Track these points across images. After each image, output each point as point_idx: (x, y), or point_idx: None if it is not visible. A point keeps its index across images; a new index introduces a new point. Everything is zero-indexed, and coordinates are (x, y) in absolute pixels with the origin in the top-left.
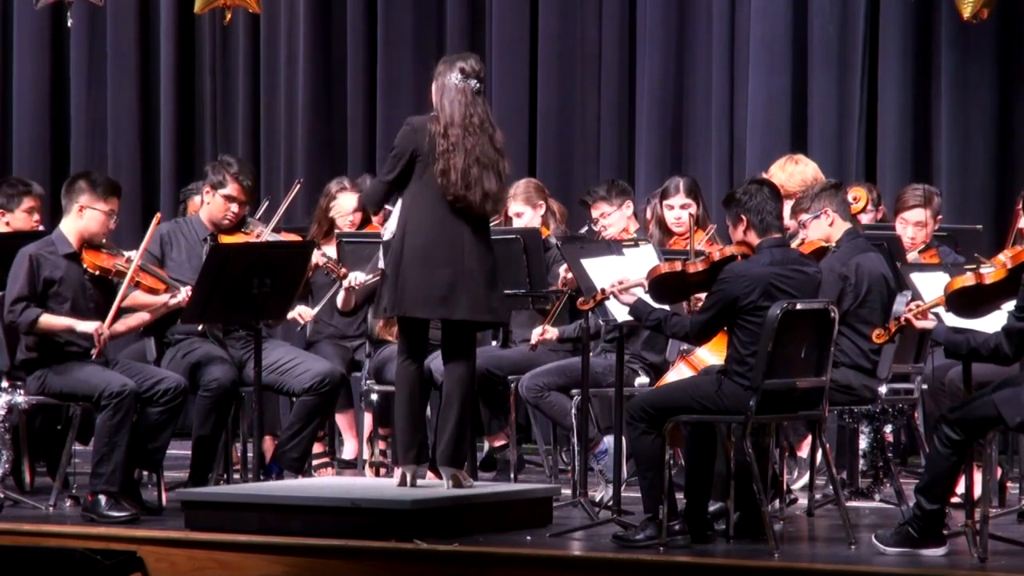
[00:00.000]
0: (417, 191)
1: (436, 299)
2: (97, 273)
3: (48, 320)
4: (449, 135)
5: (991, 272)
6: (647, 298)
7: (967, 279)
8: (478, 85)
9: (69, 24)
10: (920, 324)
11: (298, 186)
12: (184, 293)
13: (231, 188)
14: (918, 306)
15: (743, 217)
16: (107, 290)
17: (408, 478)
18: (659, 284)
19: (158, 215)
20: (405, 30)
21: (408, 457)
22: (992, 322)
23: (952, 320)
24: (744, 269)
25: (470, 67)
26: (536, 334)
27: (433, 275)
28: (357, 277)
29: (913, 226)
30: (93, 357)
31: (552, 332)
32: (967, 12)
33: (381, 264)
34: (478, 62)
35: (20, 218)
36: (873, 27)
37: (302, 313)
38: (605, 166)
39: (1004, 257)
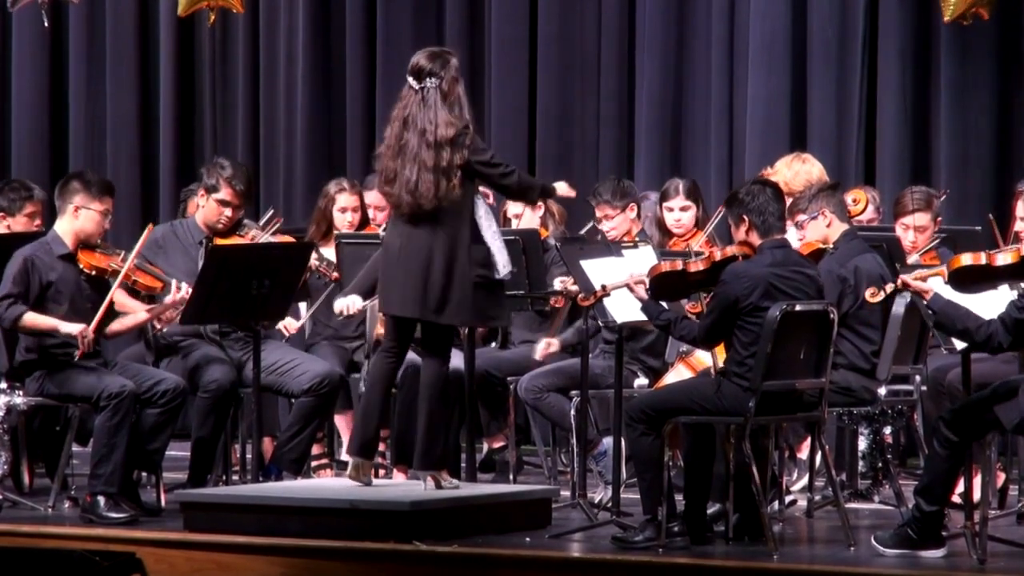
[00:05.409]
0: None
1: (399, 299)
2: (93, 273)
3: (32, 319)
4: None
5: (1003, 255)
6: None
7: (978, 256)
8: (413, 80)
9: (45, 24)
10: (916, 285)
11: (278, 223)
12: (185, 290)
13: (224, 193)
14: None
15: (745, 218)
16: (104, 290)
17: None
18: (659, 282)
19: (151, 225)
20: (405, 30)
21: (352, 448)
22: (986, 310)
23: (949, 295)
24: (744, 269)
25: (409, 65)
26: (540, 350)
27: (392, 275)
28: (355, 303)
29: (914, 230)
30: (75, 359)
31: (555, 344)
32: (947, 15)
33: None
34: (417, 56)
35: (21, 222)
36: (873, 28)
37: (287, 325)
38: (605, 167)
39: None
